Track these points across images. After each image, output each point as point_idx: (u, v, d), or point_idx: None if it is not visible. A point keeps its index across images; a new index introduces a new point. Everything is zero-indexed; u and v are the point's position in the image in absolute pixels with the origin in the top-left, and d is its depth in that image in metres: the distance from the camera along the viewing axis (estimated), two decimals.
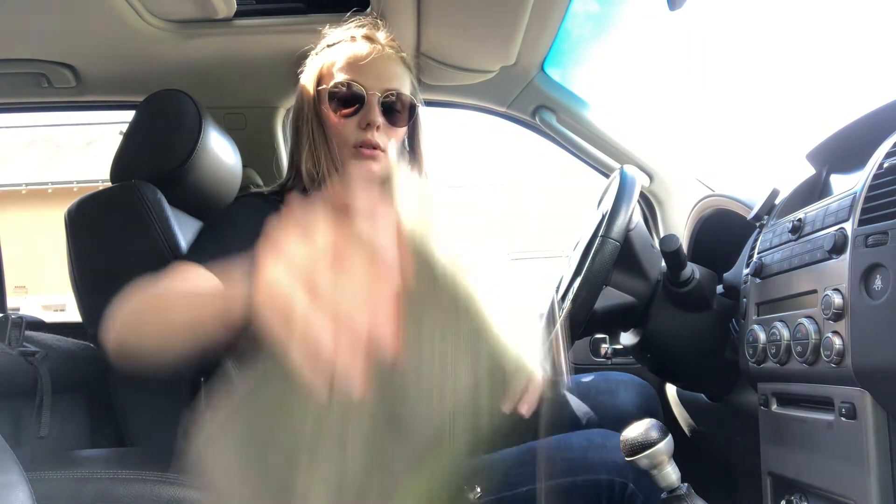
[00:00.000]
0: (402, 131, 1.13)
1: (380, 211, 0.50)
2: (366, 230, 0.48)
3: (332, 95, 1.08)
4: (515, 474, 1.06)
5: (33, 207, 10.38)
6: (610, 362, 1.71)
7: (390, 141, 1.09)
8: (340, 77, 1.08)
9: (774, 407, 0.96)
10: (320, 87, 1.10)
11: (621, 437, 0.96)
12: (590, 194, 1.44)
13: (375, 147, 1.07)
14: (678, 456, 0.94)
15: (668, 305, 1.17)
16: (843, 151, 1.01)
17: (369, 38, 1.11)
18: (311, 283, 0.46)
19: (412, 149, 1.17)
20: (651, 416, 0.93)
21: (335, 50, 1.12)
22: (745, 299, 1.06)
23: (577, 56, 1.66)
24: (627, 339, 1.27)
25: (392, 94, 1.09)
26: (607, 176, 1.54)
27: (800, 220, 0.94)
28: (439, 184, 1.17)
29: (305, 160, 1.09)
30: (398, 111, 1.10)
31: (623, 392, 1.34)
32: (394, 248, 0.49)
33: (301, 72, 1.17)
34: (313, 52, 1.16)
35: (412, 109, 1.12)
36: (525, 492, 1.04)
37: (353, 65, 1.08)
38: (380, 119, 1.07)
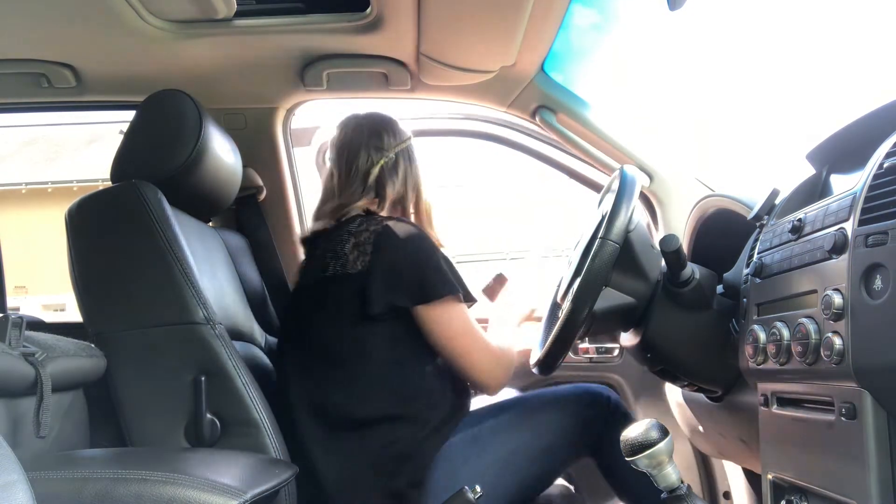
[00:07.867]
0: None
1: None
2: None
3: None
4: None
5: (33, 207, 10.35)
6: (590, 361, 1.78)
7: None
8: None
9: (774, 407, 0.96)
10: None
11: (622, 437, 0.96)
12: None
13: None
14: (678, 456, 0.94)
15: (669, 306, 1.17)
16: (843, 151, 1.01)
17: None
18: None
19: None
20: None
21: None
22: (745, 299, 1.06)
23: (577, 56, 1.66)
24: (627, 339, 1.27)
25: None
26: (607, 176, 1.54)
27: (800, 220, 0.94)
28: None
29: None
30: None
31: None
32: None
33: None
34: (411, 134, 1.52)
35: None
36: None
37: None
38: None
